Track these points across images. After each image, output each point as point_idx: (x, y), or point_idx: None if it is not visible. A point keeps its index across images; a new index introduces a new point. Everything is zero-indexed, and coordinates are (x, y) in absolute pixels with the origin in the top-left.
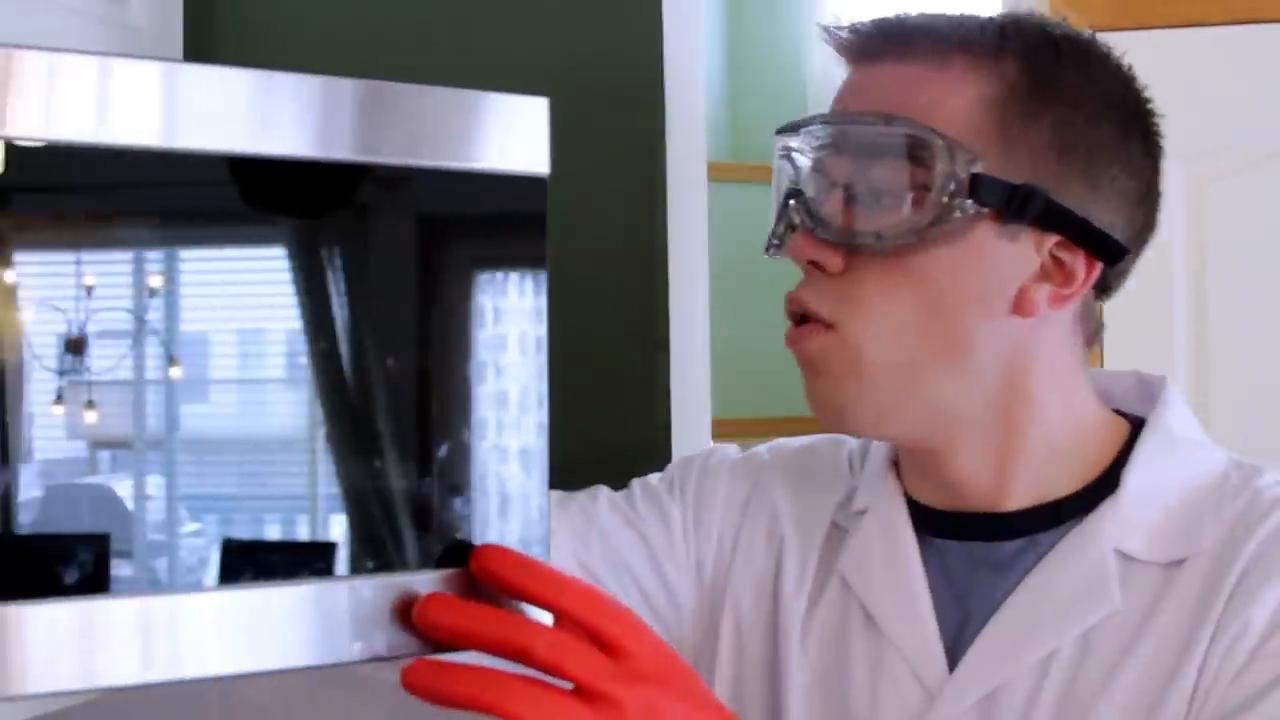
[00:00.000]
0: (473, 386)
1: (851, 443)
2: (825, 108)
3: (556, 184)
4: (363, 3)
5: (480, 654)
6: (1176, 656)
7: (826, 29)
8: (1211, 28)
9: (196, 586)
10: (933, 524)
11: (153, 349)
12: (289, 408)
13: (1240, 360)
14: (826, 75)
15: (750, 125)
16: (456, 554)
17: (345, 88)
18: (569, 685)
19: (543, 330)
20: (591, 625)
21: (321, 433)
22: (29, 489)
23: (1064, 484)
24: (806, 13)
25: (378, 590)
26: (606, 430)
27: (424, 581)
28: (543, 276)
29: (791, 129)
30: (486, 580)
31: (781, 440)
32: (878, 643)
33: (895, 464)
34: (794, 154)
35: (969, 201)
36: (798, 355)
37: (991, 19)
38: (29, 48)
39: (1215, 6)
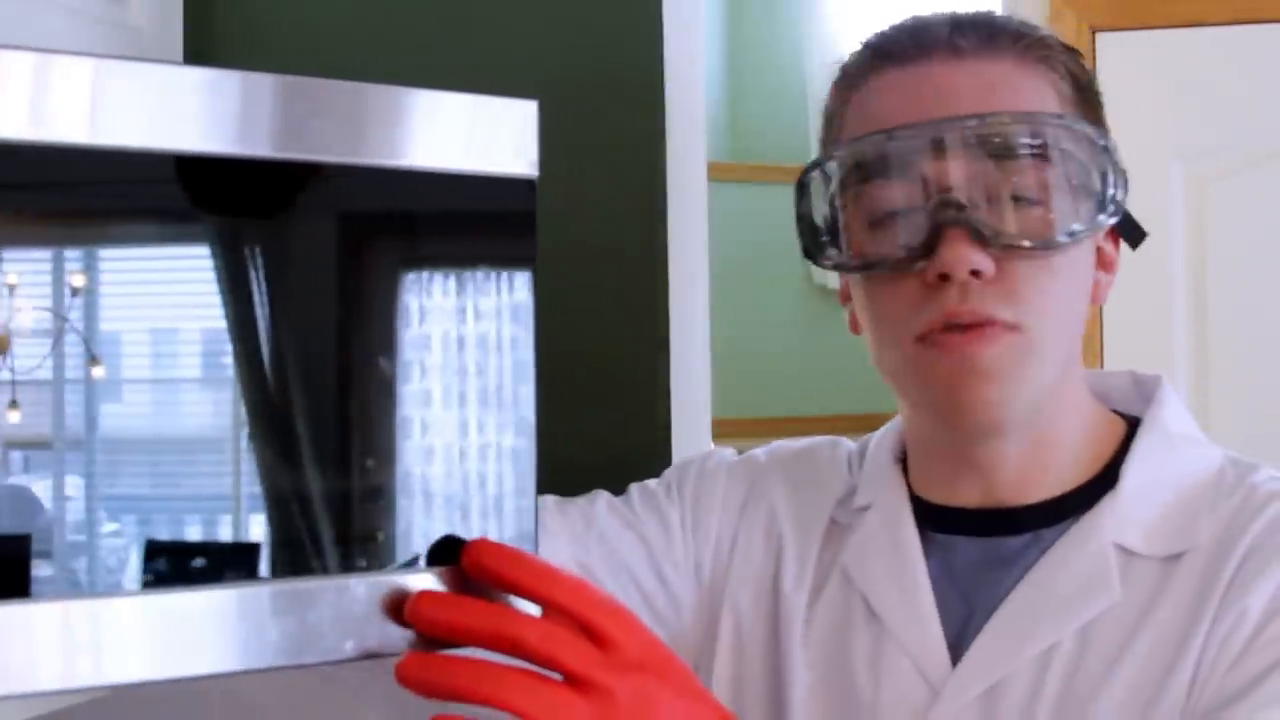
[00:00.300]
0: (458, 385)
1: (849, 444)
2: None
3: (556, 184)
4: (364, 3)
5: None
6: (1174, 650)
7: (880, 31)
8: (1212, 28)
9: (202, 584)
10: (937, 520)
11: (74, 348)
12: (235, 407)
13: (1240, 360)
14: (826, 76)
15: (750, 125)
16: (447, 552)
17: (325, 88)
18: (560, 676)
19: (529, 330)
20: (582, 617)
21: (305, 433)
22: None
23: (1068, 480)
24: (806, 13)
25: (369, 589)
26: (606, 430)
27: (414, 580)
28: (530, 276)
29: (934, 128)
30: (478, 574)
31: (779, 442)
32: (880, 636)
33: (901, 461)
34: (940, 157)
35: (1124, 196)
36: (972, 362)
37: (1016, 20)
38: None
39: (1216, 6)
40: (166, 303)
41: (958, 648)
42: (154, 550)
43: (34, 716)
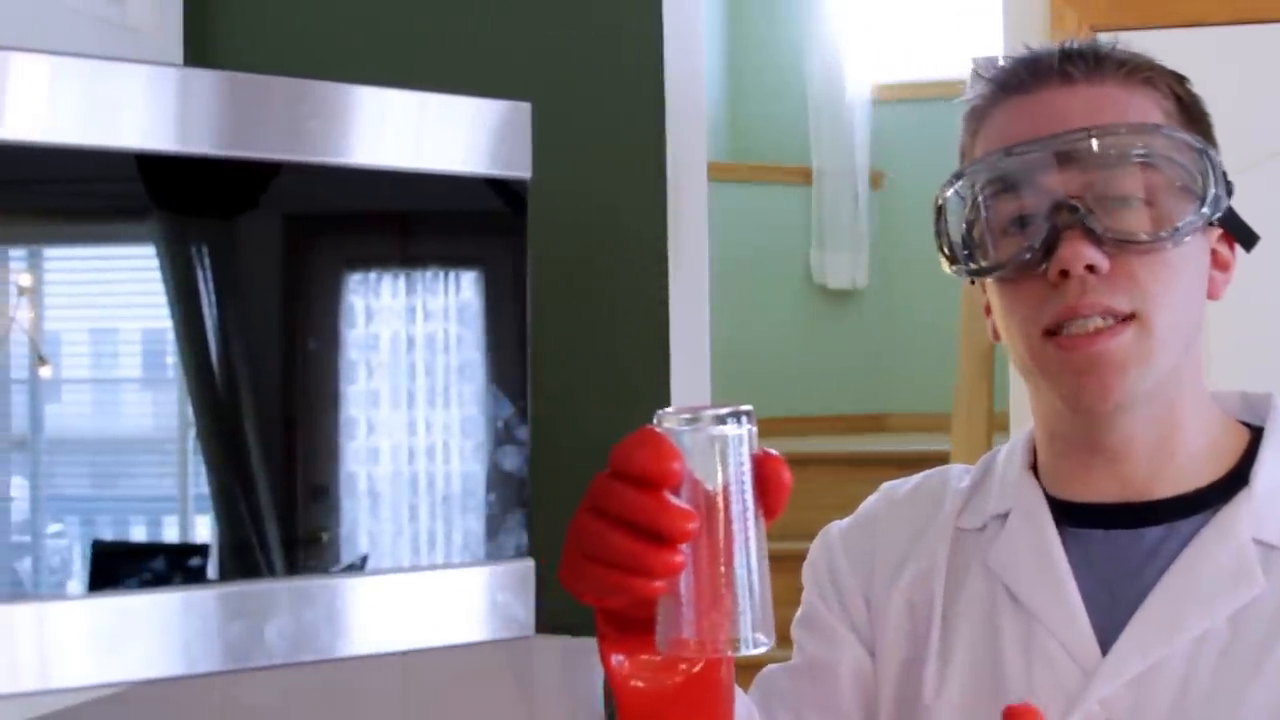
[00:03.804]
0: (457, 382)
1: (957, 467)
2: (826, 109)
3: (557, 184)
4: (362, 4)
5: None
6: None
7: (997, 60)
8: (1212, 27)
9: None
10: (1072, 516)
11: (19, 348)
12: (182, 407)
13: (1240, 360)
14: (826, 76)
15: (750, 125)
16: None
17: (312, 89)
18: None
19: (517, 329)
20: None
21: (254, 434)
22: None
23: (1199, 476)
24: (806, 13)
25: (314, 592)
26: (606, 430)
27: (361, 583)
28: (522, 276)
29: (1049, 143)
30: None
31: (888, 484)
32: (1028, 623)
33: (1032, 468)
34: (1054, 167)
35: (1227, 198)
36: (1100, 356)
37: (1116, 47)
38: None
39: (1216, 6)
40: (114, 303)
41: (1104, 633)
42: (100, 552)
43: (34, 717)
